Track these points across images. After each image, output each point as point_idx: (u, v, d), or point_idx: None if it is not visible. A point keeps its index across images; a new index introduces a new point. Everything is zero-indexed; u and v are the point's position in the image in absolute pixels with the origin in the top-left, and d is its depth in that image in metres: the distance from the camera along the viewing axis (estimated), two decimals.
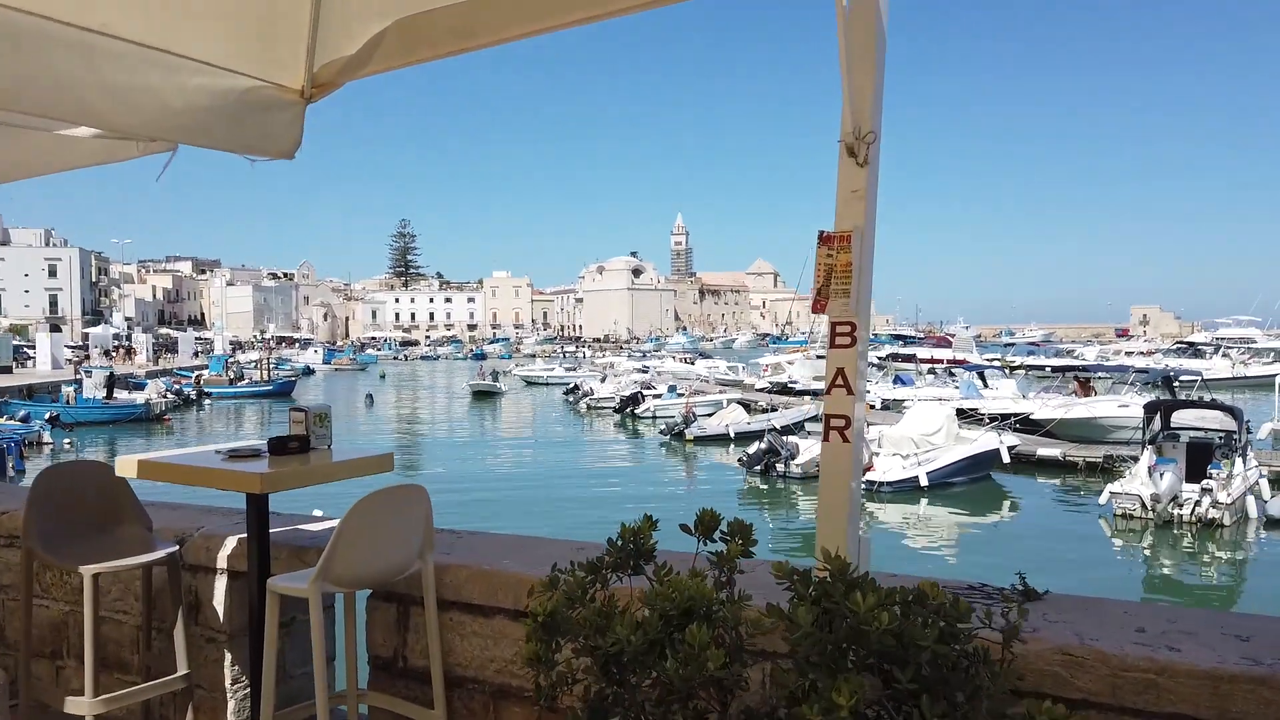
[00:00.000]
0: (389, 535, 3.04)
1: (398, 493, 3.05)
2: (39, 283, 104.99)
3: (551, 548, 3.55)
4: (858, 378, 2.43)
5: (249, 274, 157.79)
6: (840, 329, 2.46)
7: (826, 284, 2.47)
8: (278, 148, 3.29)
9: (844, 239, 2.47)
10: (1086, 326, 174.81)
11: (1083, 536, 20.01)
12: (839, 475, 2.47)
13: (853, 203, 2.49)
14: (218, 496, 3.45)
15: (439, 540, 3.55)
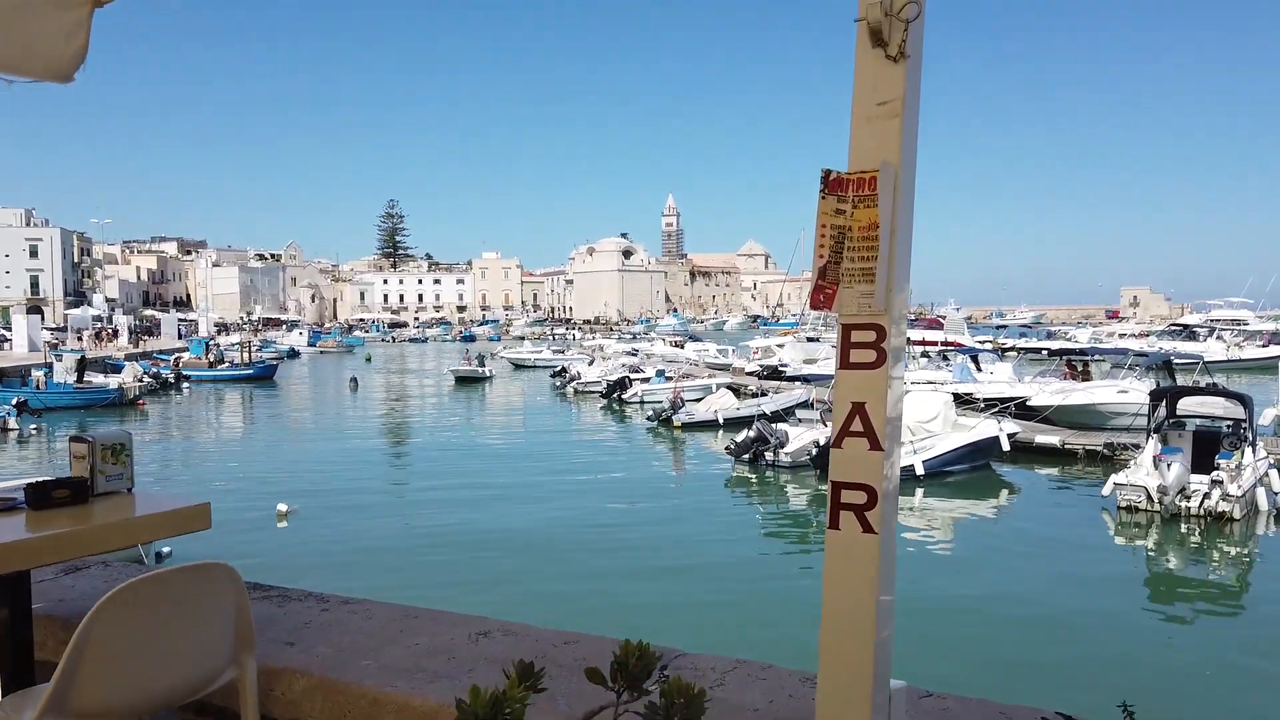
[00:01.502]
0: (169, 640, 2.02)
1: (182, 579, 2.02)
2: (20, 263, 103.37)
3: (447, 631, 2.55)
4: (886, 423, 1.43)
5: (235, 254, 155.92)
6: (858, 336, 1.46)
7: (834, 259, 1.48)
8: (47, 65, 2.27)
9: (865, 183, 1.46)
10: (1077, 308, 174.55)
11: (1085, 529, 19.13)
12: (854, 593, 1.46)
13: (880, 123, 1.46)
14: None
15: (291, 615, 2.53)
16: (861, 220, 1.45)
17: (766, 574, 15.23)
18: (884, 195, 1.42)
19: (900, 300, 1.43)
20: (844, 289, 1.46)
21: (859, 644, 1.43)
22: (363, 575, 14.83)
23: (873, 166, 1.44)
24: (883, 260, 1.42)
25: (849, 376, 1.45)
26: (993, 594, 14.21)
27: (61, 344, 59.91)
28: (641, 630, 6.93)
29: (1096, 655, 12.07)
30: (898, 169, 1.43)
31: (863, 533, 1.41)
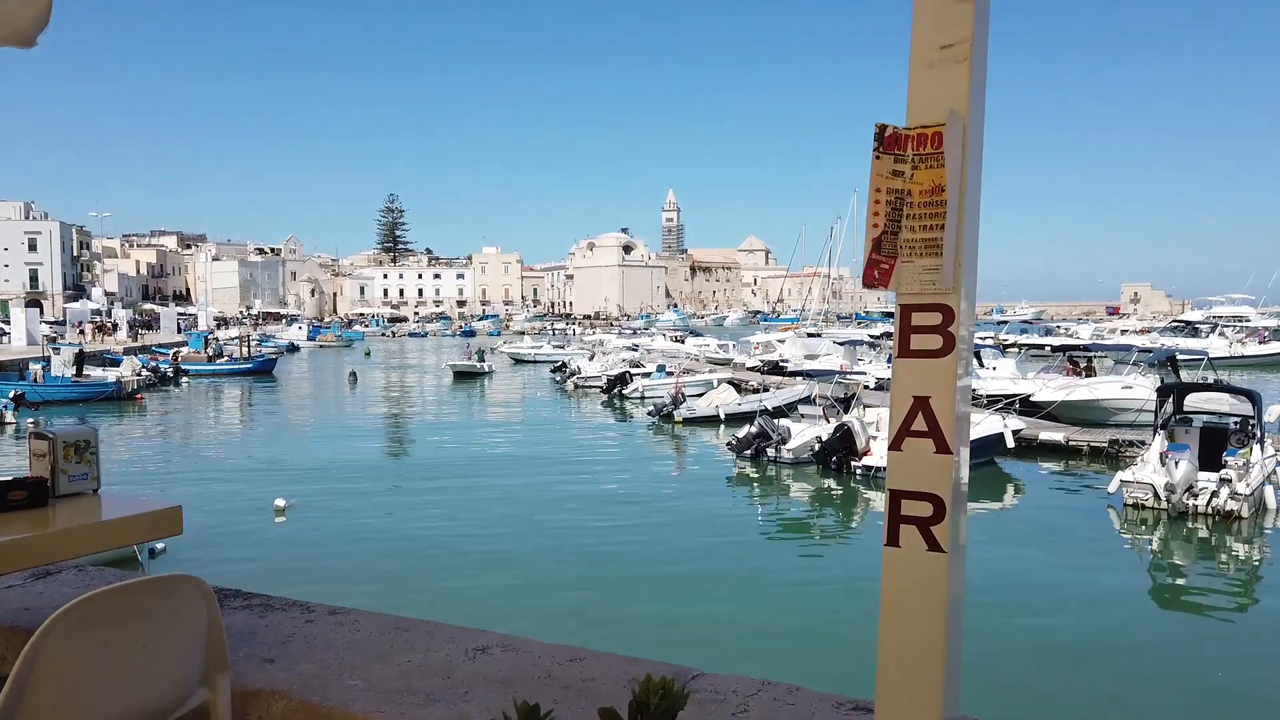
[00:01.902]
0: (129, 660, 1.80)
1: (145, 593, 1.81)
2: (19, 257, 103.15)
3: (441, 646, 2.33)
4: (955, 420, 1.21)
5: (235, 249, 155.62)
6: (920, 319, 1.24)
7: (891, 229, 1.26)
8: (7, 30, 2.08)
9: (928, 138, 1.24)
10: (1077, 304, 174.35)
11: (1091, 527, 18.93)
12: (918, 622, 1.23)
13: (945, 68, 1.23)
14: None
15: (273, 627, 2.31)
16: (923, 183, 1.23)
17: (775, 578, 14.92)
18: (951, 152, 1.21)
19: (971, 278, 1.22)
20: (903, 264, 1.24)
21: (924, 681, 1.21)
22: (358, 574, 14.63)
23: (937, 119, 1.23)
24: (950, 230, 1.20)
25: (909, 367, 1.23)
26: (996, 593, 14.00)
27: (60, 337, 59.69)
28: (646, 640, 6.78)
29: (1103, 655, 11.87)
30: (966, 121, 1.21)
31: (928, 551, 1.20)
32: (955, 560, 1.21)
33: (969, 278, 1.22)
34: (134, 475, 24.10)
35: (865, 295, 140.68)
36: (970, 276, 1.23)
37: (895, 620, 1.24)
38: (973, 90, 1.24)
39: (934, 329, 1.23)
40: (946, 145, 1.22)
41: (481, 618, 12.01)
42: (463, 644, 2.35)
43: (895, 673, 1.24)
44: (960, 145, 1.22)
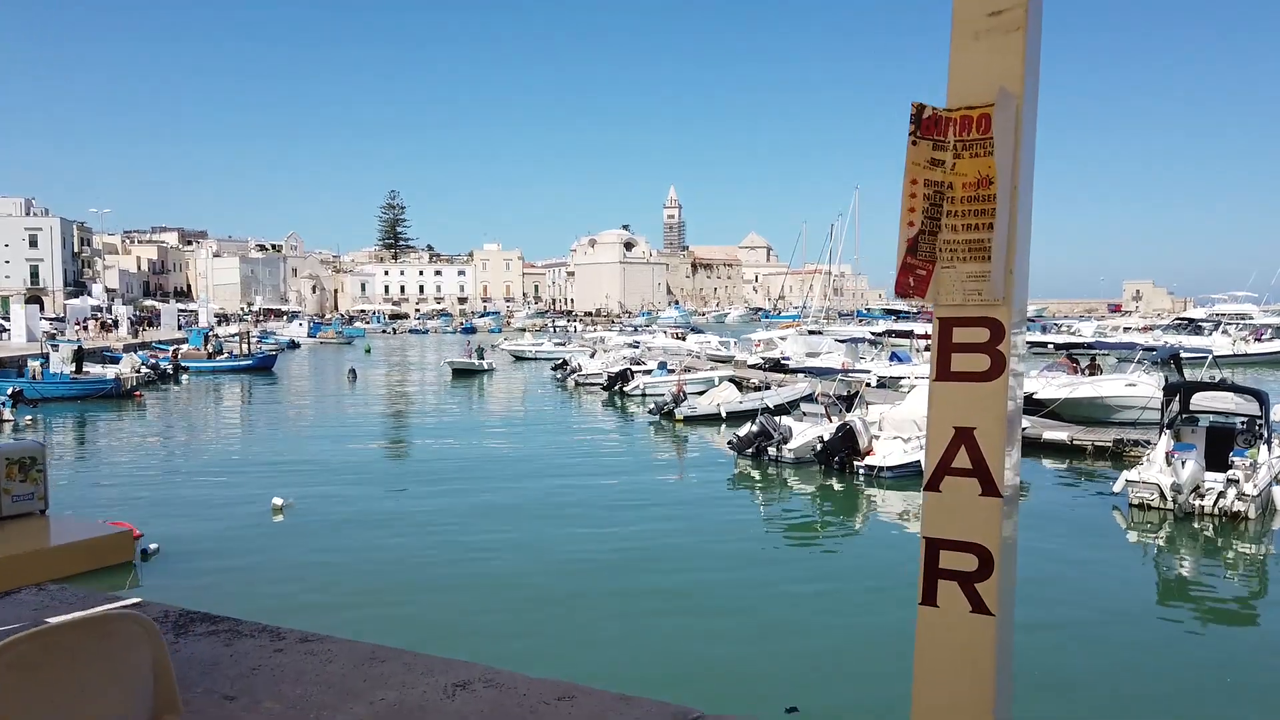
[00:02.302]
0: (61, 708, 1.61)
1: (77, 636, 1.62)
2: (19, 253, 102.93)
3: (419, 681, 2.14)
4: (1005, 457, 1.01)
5: (236, 245, 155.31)
6: (963, 335, 1.04)
7: (930, 228, 1.06)
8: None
9: (974, 122, 1.04)
10: (1079, 302, 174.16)
11: (1095, 527, 18.73)
12: (960, 692, 1.03)
13: (995, 38, 1.06)
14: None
15: (239, 657, 2.12)
16: (968, 174, 1.03)
17: (777, 590, 14.42)
18: (1002, 137, 1.00)
19: (1023, 287, 1.02)
20: (943, 269, 1.04)
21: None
22: (349, 578, 14.40)
23: (985, 99, 1.03)
24: (1001, 230, 1.00)
25: (950, 392, 1.02)
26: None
27: (60, 334, 59.52)
28: (642, 668, 6.54)
29: (1107, 657, 11.68)
30: (1020, 101, 1.02)
31: (972, 612, 1.00)
32: (1004, 623, 1.00)
33: (1021, 287, 1.02)
34: (131, 473, 23.92)
35: (866, 292, 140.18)
36: (1022, 286, 1.03)
37: (932, 691, 1.03)
38: (1027, 64, 1.03)
39: (980, 347, 1.02)
40: (996, 129, 1.02)
41: (472, 627, 11.81)
42: (442, 678, 2.16)
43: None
44: (1012, 129, 1.01)
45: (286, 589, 13.67)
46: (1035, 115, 1.09)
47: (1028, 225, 1.11)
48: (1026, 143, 1.07)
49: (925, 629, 1.05)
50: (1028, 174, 1.08)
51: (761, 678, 10.65)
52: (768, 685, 10.33)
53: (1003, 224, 1.02)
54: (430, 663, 2.29)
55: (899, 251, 1.09)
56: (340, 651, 2.36)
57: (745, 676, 10.76)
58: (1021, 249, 1.07)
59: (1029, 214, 1.11)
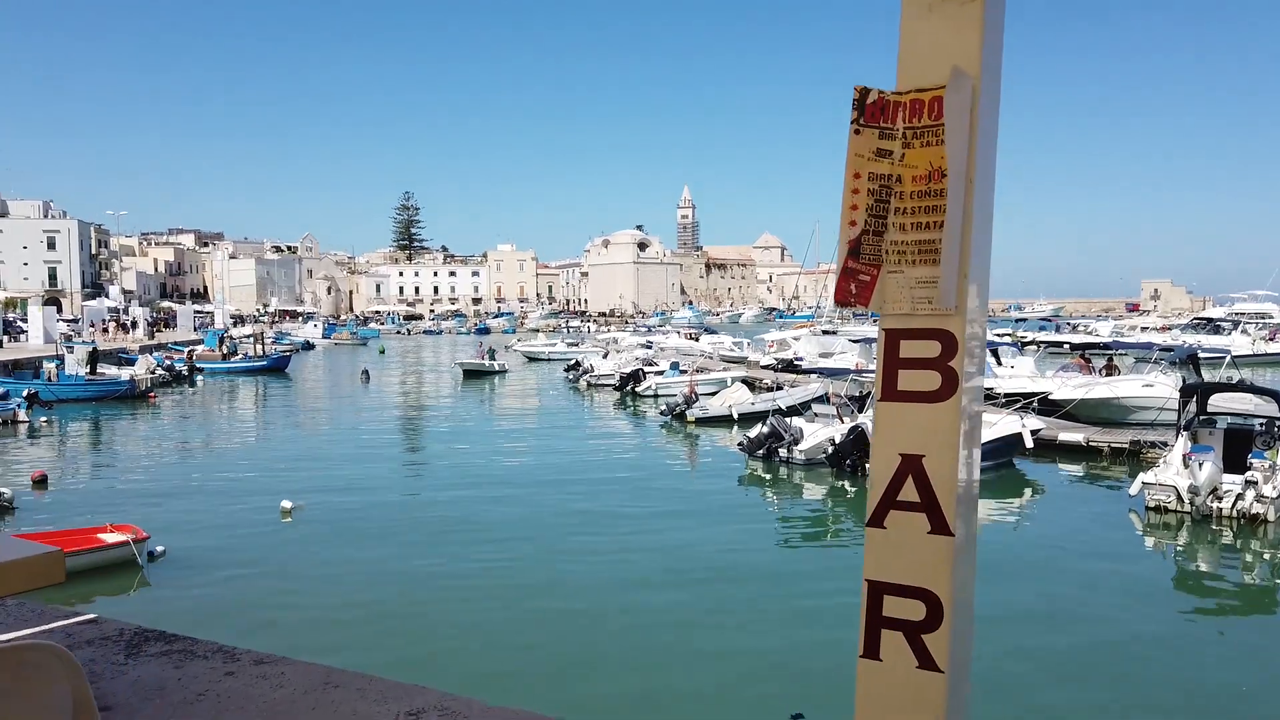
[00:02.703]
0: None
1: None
2: (38, 255, 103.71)
3: (370, 710, 2.02)
4: (958, 489, 0.87)
5: (252, 246, 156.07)
6: (911, 349, 0.91)
7: (875, 227, 0.93)
8: None
9: (925, 106, 0.92)
10: (1096, 301, 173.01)
11: (1112, 530, 18.47)
12: None
13: (951, 12, 0.93)
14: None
15: (187, 681, 2.01)
16: (918, 166, 0.89)
17: (784, 596, 14.21)
18: (955, 123, 0.87)
19: (981, 294, 0.89)
20: (889, 274, 0.90)
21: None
22: (348, 583, 14.30)
23: (938, 81, 0.90)
24: (953, 228, 0.86)
25: (896, 414, 0.88)
26: (1014, 600, 13.59)
27: (77, 335, 59.94)
28: (647, 678, 6.31)
29: (1124, 663, 11.47)
30: (977, 83, 0.88)
31: (919, 668, 0.86)
32: (956, 682, 0.86)
33: (979, 294, 0.89)
34: (142, 475, 23.98)
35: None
36: (980, 293, 0.89)
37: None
38: (986, 42, 0.90)
39: (930, 363, 0.88)
40: (948, 114, 0.88)
41: (474, 637, 11.69)
42: (395, 705, 2.04)
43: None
44: (967, 114, 0.88)
45: (285, 595, 13.60)
46: (997, 98, 0.96)
47: (987, 225, 0.97)
48: (986, 130, 0.94)
49: (866, 686, 0.91)
50: (987, 166, 0.95)
51: (766, 683, 10.50)
52: (772, 692, 10.18)
53: (955, 222, 0.88)
54: (385, 688, 2.18)
55: (839, 254, 0.96)
56: (294, 675, 2.24)
57: (749, 681, 10.61)
58: (979, 252, 0.94)
59: (989, 212, 0.97)
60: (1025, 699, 10.27)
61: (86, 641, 2.54)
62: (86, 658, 2.42)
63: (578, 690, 10.29)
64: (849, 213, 0.95)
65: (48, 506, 19.69)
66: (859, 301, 0.95)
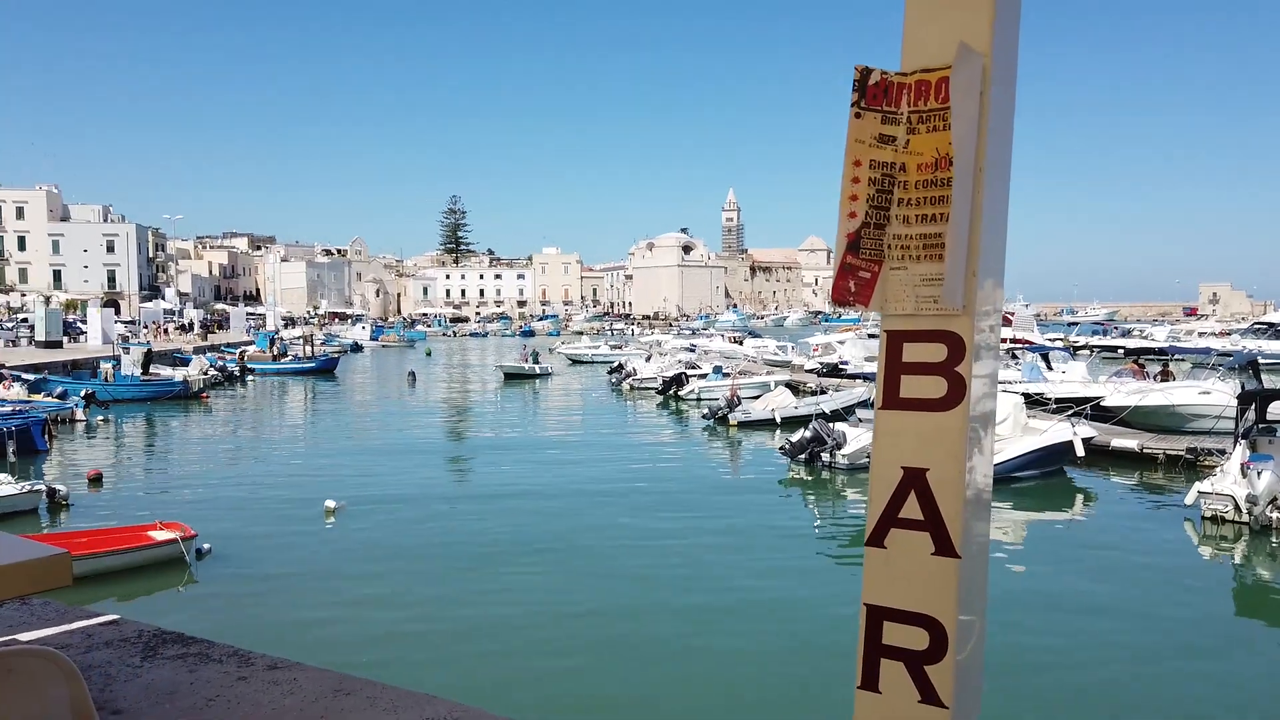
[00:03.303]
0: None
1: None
2: (98, 258, 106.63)
3: (378, 719, 1.98)
4: (965, 506, 0.79)
5: (303, 250, 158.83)
6: (915, 352, 0.84)
7: (876, 219, 0.85)
8: None
9: (931, 89, 0.84)
10: (1152, 305, 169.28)
11: (1165, 541, 17.94)
12: None
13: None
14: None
15: (199, 685, 1.99)
16: (924, 153, 0.81)
17: (822, 604, 14.03)
18: (962, 105, 0.79)
19: (993, 292, 0.81)
20: (891, 271, 0.83)
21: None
22: (380, 584, 14.37)
23: (944, 60, 0.82)
24: (959, 221, 0.78)
25: (897, 423, 0.80)
26: (1060, 612, 13.25)
27: (134, 337, 61.45)
28: (686, 689, 6.18)
29: (1176, 679, 11.11)
30: (989, 61, 0.80)
31: (920, 702, 0.78)
32: (963, 718, 0.78)
33: (991, 294, 0.80)
34: (192, 474, 24.46)
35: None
36: (992, 292, 0.81)
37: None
38: (999, 17, 0.82)
39: (935, 368, 0.80)
40: (955, 95, 0.80)
41: (510, 642, 11.67)
42: (405, 715, 1.99)
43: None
44: (976, 95, 0.80)
45: (318, 596, 13.73)
46: (1013, 79, 0.88)
47: (1001, 218, 0.89)
48: (998, 113, 0.85)
49: (864, 718, 0.83)
50: (1000, 153, 0.86)
51: (805, 696, 10.35)
52: (810, 703, 10.03)
53: (962, 214, 0.80)
54: (396, 697, 2.13)
55: (837, 248, 0.88)
56: (305, 682, 2.21)
57: (787, 690, 10.47)
58: (991, 247, 0.86)
59: (1003, 204, 0.89)
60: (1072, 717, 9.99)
61: (105, 643, 2.54)
62: (103, 659, 2.42)
63: (605, 702, 10.23)
64: (848, 204, 0.87)
65: (101, 504, 20.15)
66: (858, 301, 0.87)
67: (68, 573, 1.95)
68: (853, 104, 0.90)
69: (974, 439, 0.80)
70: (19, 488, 18.08)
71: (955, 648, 0.79)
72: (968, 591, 0.80)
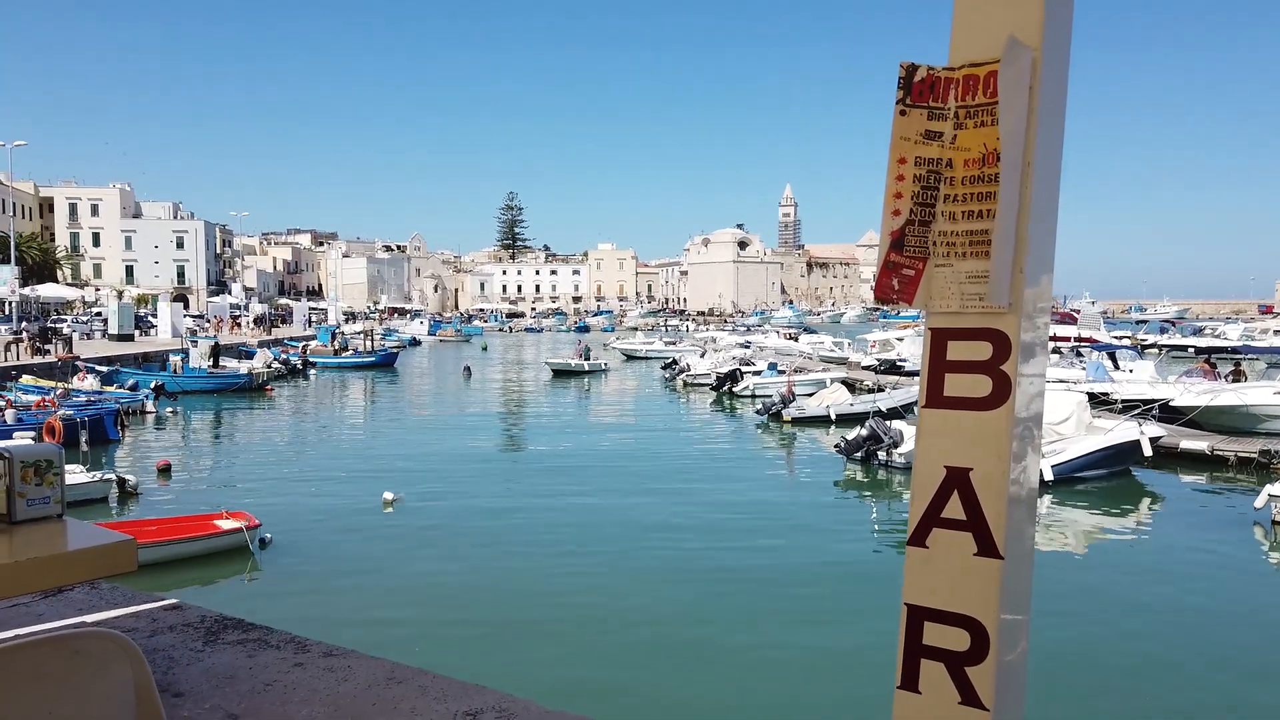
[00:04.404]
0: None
1: (48, 653, 1.55)
2: (168, 254, 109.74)
3: (430, 708, 2.03)
4: (1009, 506, 0.78)
5: (364, 246, 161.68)
6: (960, 350, 0.82)
7: (921, 216, 0.84)
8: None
9: (979, 83, 0.82)
10: (1225, 302, 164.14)
11: (1234, 545, 17.38)
12: None
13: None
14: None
15: (258, 670, 2.04)
16: (971, 148, 0.80)
17: (877, 606, 13.89)
18: (1010, 99, 0.78)
19: (1041, 290, 0.80)
20: (936, 268, 0.82)
21: None
22: (440, 578, 14.57)
23: (992, 54, 0.81)
24: (1006, 216, 0.77)
25: (941, 422, 0.80)
26: (1120, 618, 12.92)
27: (202, 330, 63.21)
28: (707, 712, 6.14)
29: (1242, 689, 10.75)
30: (1039, 55, 0.79)
31: (961, 704, 0.77)
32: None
33: (1038, 291, 0.79)
34: (257, 464, 25.08)
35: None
36: (1041, 289, 0.80)
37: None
38: (1049, 10, 0.81)
39: (980, 366, 0.79)
40: (1003, 90, 0.79)
41: (561, 641, 11.74)
42: (454, 704, 2.03)
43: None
44: (1025, 89, 0.79)
45: (374, 586, 13.98)
46: (1064, 74, 0.86)
47: (1050, 214, 0.87)
48: (1049, 109, 0.84)
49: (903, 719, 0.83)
50: (1050, 149, 0.85)
51: (857, 691, 10.24)
52: (864, 699, 9.92)
53: (1009, 209, 0.79)
54: (447, 687, 2.17)
55: (881, 246, 0.87)
56: (359, 669, 2.26)
57: (837, 688, 10.38)
58: (1039, 244, 0.85)
59: (1053, 201, 0.87)
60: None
61: (169, 627, 2.63)
62: (167, 643, 2.51)
63: (653, 700, 10.25)
64: (892, 201, 0.87)
65: (170, 493, 20.78)
66: (902, 298, 0.86)
67: (133, 558, 2.02)
68: (898, 101, 0.89)
69: (1021, 439, 0.79)
70: (91, 476, 18.72)
71: (997, 649, 0.78)
72: (1011, 593, 0.79)
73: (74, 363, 38.60)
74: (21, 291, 56.89)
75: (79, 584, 2.90)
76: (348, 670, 2.28)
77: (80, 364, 38.13)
